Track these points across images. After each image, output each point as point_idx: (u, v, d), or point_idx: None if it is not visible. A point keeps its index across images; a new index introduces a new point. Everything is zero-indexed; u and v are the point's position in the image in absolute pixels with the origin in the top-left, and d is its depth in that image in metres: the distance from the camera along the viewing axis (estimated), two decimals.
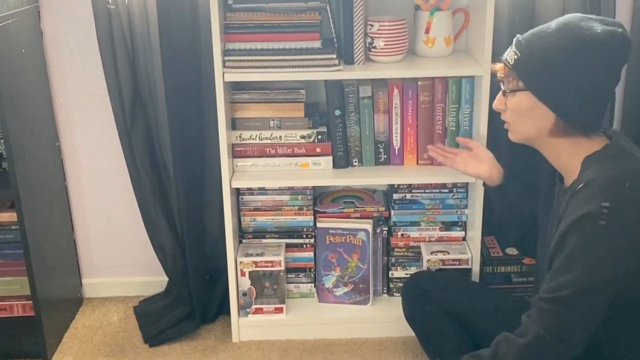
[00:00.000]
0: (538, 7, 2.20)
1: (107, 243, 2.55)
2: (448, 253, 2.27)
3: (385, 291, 2.41)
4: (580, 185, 1.47)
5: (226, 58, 2.06)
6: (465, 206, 2.28)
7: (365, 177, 2.24)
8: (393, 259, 2.36)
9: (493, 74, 1.72)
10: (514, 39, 1.58)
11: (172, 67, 2.18)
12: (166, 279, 2.48)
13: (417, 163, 2.25)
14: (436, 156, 2.14)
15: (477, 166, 2.01)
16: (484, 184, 2.04)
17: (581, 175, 1.51)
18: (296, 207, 2.33)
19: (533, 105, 1.54)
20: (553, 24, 1.54)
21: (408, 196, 2.31)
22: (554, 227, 1.56)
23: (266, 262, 2.27)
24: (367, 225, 2.29)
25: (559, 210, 1.55)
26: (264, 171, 2.24)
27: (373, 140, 2.24)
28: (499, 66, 1.63)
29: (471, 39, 2.23)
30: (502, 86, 1.63)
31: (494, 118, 2.17)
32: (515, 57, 1.54)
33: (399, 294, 2.27)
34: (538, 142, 1.61)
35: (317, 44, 2.06)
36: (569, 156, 1.57)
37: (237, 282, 2.28)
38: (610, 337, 1.54)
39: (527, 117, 1.57)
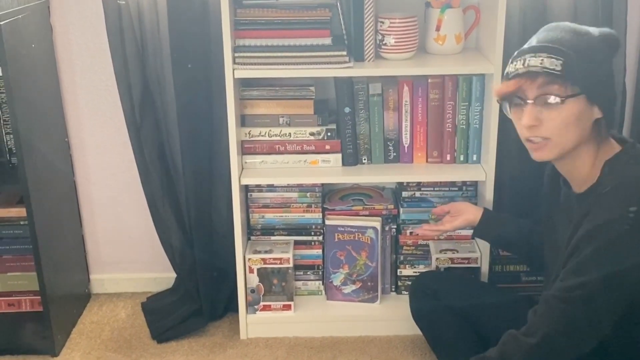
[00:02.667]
0: (549, 4, 2.18)
1: (115, 239, 2.55)
2: (457, 251, 2.26)
3: (393, 289, 2.40)
4: (607, 189, 1.44)
5: (236, 54, 2.06)
6: (475, 204, 2.27)
7: (374, 175, 2.23)
8: (401, 257, 2.36)
9: (511, 93, 1.53)
10: (534, 47, 1.48)
11: (181, 63, 2.18)
12: (174, 275, 2.49)
13: (427, 161, 2.25)
14: (428, 234, 2.15)
15: (461, 218, 2.06)
16: (473, 236, 2.12)
17: (604, 179, 1.48)
18: (305, 205, 2.32)
19: (583, 110, 1.47)
20: (562, 30, 1.50)
21: (417, 194, 2.30)
22: (566, 227, 1.55)
23: (274, 259, 2.26)
24: (376, 223, 2.28)
25: (577, 214, 1.51)
26: (273, 168, 2.23)
27: (382, 138, 2.23)
28: (523, 81, 1.49)
29: (482, 36, 2.22)
30: (531, 100, 1.49)
31: (504, 116, 2.17)
32: (560, 62, 1.45)
33: (407, 292, 2.27)
34: (571, 153, 1.53)
35: (327, 41, 2.06)
36: (589, 162, 1.53)
37: (245, 279, 2.28)
38: (621, 340, 1.52)
39: (576, 125, 1.48)
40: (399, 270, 2.37)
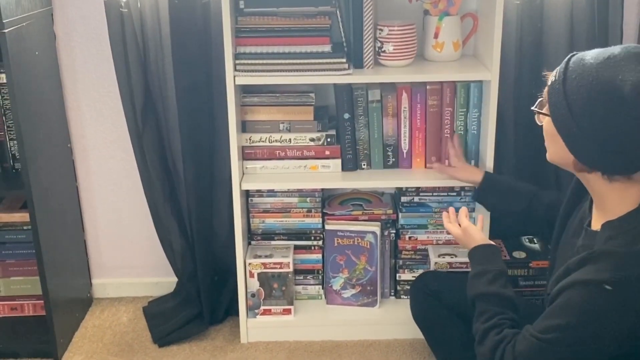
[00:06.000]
0: (546, 12, 2.21)
1: (117, 244, 2.57)
2: (455, 256, 2.28)
3: (392, 293, 2.42)
4: (599, 252, 1.42)
5: (237, 61, 2.08)
6: (473, 209, 2.28)
7: (373, 180, 2.25)
8: (400, 262, 2.38)
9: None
10: (570, 55, 1.46)
11: (183, 70, 2.21)
12: (175, 279, 2.51)
13: (425, 166, 2.27)
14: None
15: (466, 174, 2.14)
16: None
17: (603, 240, 1.45)
18: (305, 209, 2.34)
19: (555, 134, 1.46)
20: (615, 49, 1.38)
21: (416, 199, 2.32)
22: (575, 240, 1.56)
23: (275, 263, 2.28)
24: (375, 227, 2.30)
25: (582, 246, 1.52)
26: (274, 173, 2.25)
27: (381, 144, 2.25)
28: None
29: (479, 43, 2.24)
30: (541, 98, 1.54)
31: (502, 122, 2.20)
32: (554, 78, 1.45)
33: (406, 297, 2.29)
34: (577, 173, 1.52)
35: (327, 48, 2.08)
36: (599, 194, 1.50)
37: (245, 283, 2.29)
38: None
39: (553, 142, 1.49)
40: (398, 274, 2.39)
